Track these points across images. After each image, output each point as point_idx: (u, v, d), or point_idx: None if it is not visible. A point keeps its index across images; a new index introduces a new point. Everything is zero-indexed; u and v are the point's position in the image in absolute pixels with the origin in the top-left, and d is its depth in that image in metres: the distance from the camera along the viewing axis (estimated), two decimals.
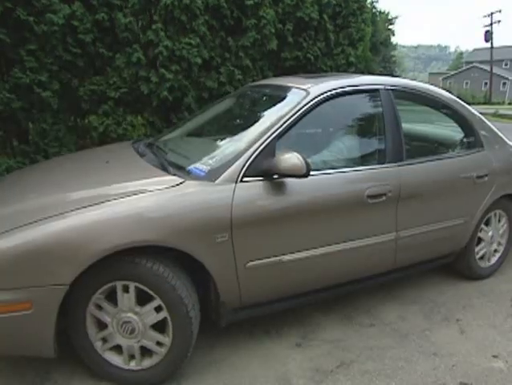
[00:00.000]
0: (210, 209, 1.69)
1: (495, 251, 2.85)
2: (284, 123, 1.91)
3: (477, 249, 2.71)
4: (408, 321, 2.27)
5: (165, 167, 1.92)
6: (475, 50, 54.72)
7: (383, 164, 2.16)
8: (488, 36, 29.55)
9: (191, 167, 1.87)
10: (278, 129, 1.88)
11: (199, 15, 4.04)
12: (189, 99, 4.05)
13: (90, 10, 3.64)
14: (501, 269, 2.94)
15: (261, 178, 1.79)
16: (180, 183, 1.72)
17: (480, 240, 2.72)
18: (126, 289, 1.63)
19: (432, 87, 2.61)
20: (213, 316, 1.87)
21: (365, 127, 2.39)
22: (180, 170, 1.87)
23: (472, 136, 2.65)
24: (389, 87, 2.33)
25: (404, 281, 2.69)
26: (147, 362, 1.72)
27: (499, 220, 2.82)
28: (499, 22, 30.24)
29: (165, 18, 3.92)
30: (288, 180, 1.82)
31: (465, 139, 2.66)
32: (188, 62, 3.99)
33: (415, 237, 2.29)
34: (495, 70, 33.88)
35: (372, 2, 31.32)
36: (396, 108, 2.30)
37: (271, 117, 1.99)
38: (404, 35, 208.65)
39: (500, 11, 30.15)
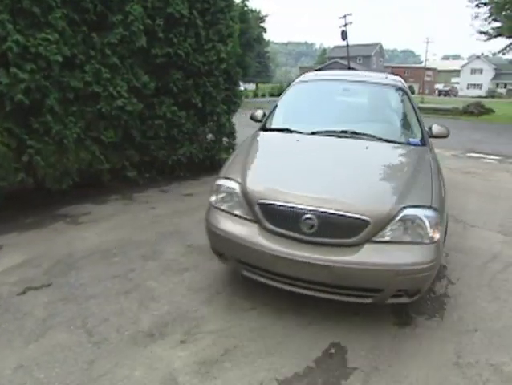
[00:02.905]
0: None
1: None
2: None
3: None
4: (284, 299, 2.50)
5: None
6: (335, 47, 61.18)
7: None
8: (344, 35, 33.26)
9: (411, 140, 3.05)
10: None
11: (55, 8, 3.70)
12: (51, 101, 3.69)
13: None
14: None
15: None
16: None
17: None
18: None
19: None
20: None
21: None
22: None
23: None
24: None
25: None
26: None
27: None
28: (351, 23, 34.38)
29: (12, 8, 3.48)
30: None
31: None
32: (47, 60, 3.64)
33: None
34: (352, 64, 38.52)
35: (243, 1, 32.46)
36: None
37: (414, 108, 3.45)
38: (275, 33, 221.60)
39: (351, 14, 34.19)
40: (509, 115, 19.52)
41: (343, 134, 3.00)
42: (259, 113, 3.68)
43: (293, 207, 2.17)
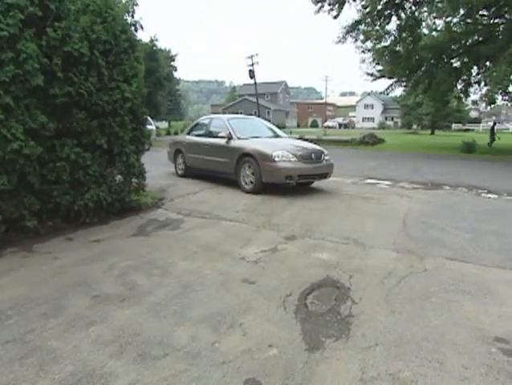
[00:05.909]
0: None
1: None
2: None
3: None
4: (199, 339, 2.49)
5: None
6: (244, 85, 64.33)
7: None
8: (251, 74, 35.27)
9: None
10: None
11: None
12: None
13: None
14: (273, 271, 3.58)
15: None
16: None
17: None
18: None
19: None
20: None
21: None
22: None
23: None
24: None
25: (190, 302, 2.94)
26: None
27: None
28: (258, 63, 36.72)
29: None
30: None
31: None
32: None
33: None
34: (260, 101, 40.78)
35: (152, 41, 32.81)
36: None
37: (273, 126, 10.06)
38: (186, 71, 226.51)
39: (257, 54, 36.59)
40: (396, 144, 23.28)
41: (264, 136, 8.35)
42: (225, 133, 7.91)
43: (311, 153, 7.45)
